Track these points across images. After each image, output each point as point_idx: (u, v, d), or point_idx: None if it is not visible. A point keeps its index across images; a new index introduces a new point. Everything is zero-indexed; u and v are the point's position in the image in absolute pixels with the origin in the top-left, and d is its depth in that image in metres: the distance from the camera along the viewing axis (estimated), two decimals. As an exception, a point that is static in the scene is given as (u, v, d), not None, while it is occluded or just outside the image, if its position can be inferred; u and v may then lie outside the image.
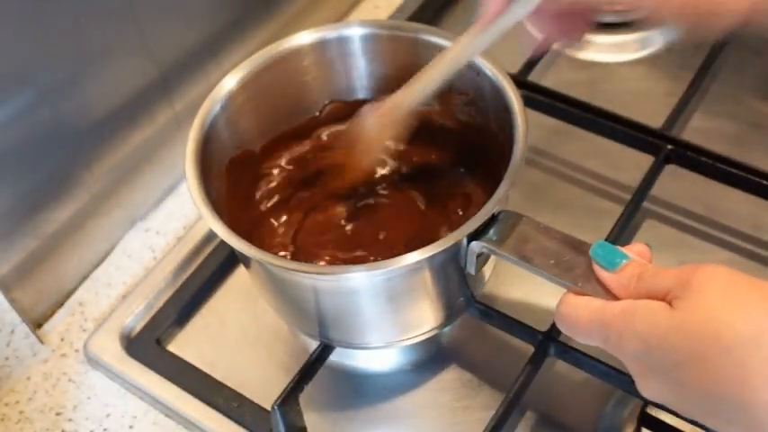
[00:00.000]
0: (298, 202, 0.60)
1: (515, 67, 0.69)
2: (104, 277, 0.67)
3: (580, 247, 0.45)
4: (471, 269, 0.50)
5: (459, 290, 0.54)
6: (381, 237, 0.58)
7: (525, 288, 0.61)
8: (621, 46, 0.77)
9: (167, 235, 0.69)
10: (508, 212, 0.49)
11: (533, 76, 0.70)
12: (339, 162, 0.59)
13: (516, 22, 0.48)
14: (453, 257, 0.49)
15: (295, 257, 0.57)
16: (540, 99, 0.68)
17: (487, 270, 0.55)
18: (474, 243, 0.48)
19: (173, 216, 0.70)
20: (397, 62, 0.59)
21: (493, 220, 0.48)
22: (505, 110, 0.53)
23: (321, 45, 0.59)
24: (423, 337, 0.55)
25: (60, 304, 0.66)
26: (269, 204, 0.60)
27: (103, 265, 0.68)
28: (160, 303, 0.64)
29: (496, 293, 0.61)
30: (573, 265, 0.45)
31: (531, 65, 0.70)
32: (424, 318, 0.54)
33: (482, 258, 0.50)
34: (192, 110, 0.54)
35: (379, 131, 0.56)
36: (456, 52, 0.52)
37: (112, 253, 0.68)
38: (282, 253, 0.57)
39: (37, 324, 0.64)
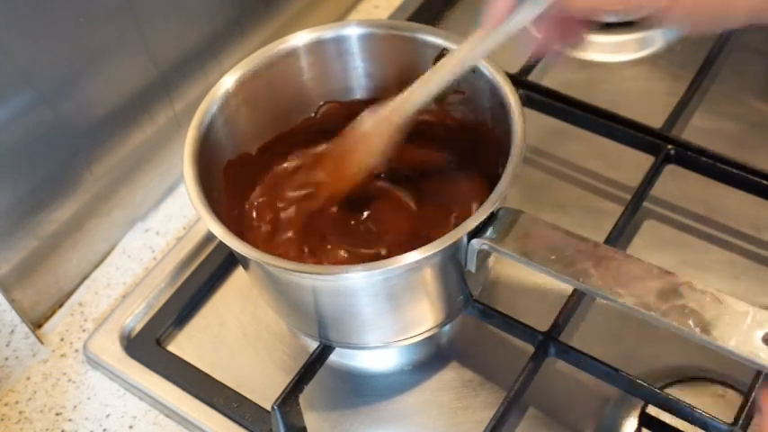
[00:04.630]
0: (294, 204, 0.60)
1: (515, 67, 0.69)
2: (104, 277, 0.67)
3: (581, 243, 0.45)
4: (471, 267, 0.50)
5: (457, 289, 0.54)
6: (378, 237, 0.58)
7: (525, 288, 0.61)
8: (621, 46, 0.77)
9: (167, 235, 0.69)
10: (508, 209, 0.49)
11: (533, 76, 0.70)
12: (337, 167, 0.58)
13: (522, 25, 0.48)
14: (453, 256, 0.49)
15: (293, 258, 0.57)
16: (540, 99, 0.68)
17: (486, 269, 0.55)
18: (474, 240, 0.48)
19: (173, 216, 0.70)
20: (395, 62, 0.59)
21: (492, 217, 0.48)
22: (501, 106, 0.53)
23: (318, 45, 0.58)
24: (421, 337, 0.55)
25: (60, 304, 0.66)
26: (264, 208, 0.60)
27: (103, 266, 0.68)
28: (160, 303, 0.64)
29: (496, 293, 0.61)
30: (575, 260, 0.45)
31: (531, 65, 0.70)
32: (423, 317, 0.54)
33: (482, 256, 0.50)
34: (192, 110, 0.54)
35: (380, 134, 0.56)
36: (461, 56, 0.51)
37: (112, 253, 0.68)
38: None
39: (37, 324, 0.64)
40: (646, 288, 0.46)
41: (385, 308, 0.52)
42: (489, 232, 0.48)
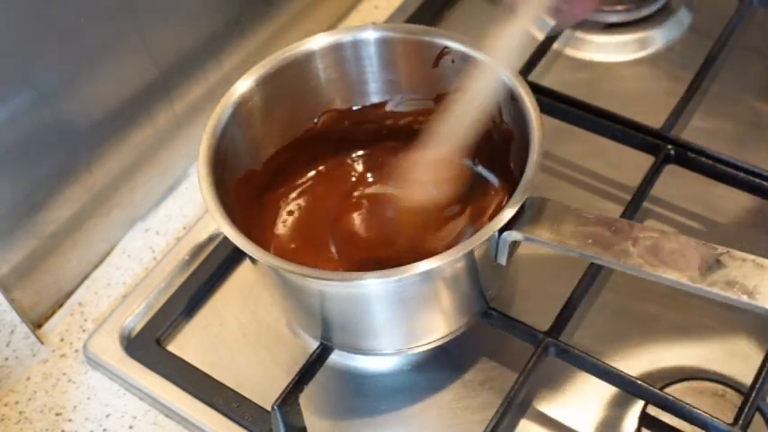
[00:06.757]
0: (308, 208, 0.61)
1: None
2: (104, 277, 0.67)
3: (616, 224, 0.45)
4: (503, 260, 0.50)
5: (476, 294, 0.53)
6: (401, 240, 0.57)
7: (525, 288, 0.61)
8: (621, 46, 0.77)
9: (167, 235, 0.69)
10: (532, 198, 0.48)
11: (533, 76, 0.70)
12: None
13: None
14: (483, 254, 0.49)
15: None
16: (540, 99, 0.68)
17: (505, 271, 0.55)
18: (506, 233, 0.48)
19: (173, 216, 0.70)
20: (412, 66, 0.58)
21: (521, 207, 0.48)
22: (512, 98, 0.52)
23: (335, 48, 0.58)
24: (436, 344, 0.55)
25: (60, 304, 0.66)
26: (281, 218, 0.61)
27: (103, 266, 0.68)
28: (160, 303, 0.63)
29: (496, 293, 0.61)
30: (612, 241, 0.44)
31: (531, 65, 0.70)
32: (439, 324, 0.54)
33: (512, 247, 0.50)
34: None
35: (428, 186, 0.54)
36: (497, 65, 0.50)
37: (112, 253, 0.68)
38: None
39: (37, 324, 0.64)
40: (687, 262, 0.45)
41: (401, 315, 0.51)
42: (519, 223, 0.48)
